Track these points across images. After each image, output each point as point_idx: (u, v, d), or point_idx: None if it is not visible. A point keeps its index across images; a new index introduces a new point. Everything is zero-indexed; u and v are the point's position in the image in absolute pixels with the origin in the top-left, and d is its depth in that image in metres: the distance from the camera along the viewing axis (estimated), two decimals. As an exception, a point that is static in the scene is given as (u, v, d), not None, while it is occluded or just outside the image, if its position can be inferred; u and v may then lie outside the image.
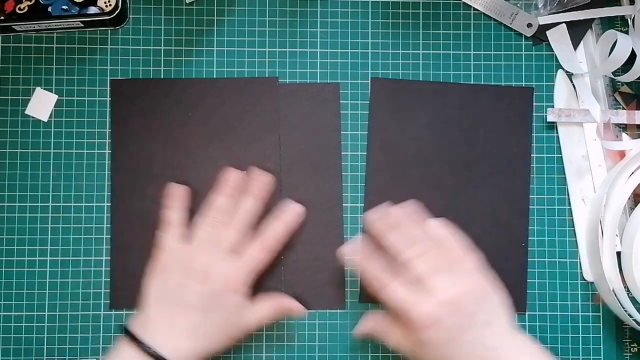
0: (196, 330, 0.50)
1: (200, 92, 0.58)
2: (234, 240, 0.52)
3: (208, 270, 0.50)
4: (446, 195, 0.58)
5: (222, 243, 0.52)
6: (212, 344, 0.50)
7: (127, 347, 0.49)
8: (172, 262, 0.51)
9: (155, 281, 0.51)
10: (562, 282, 0.58)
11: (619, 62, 0.56)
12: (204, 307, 0.50)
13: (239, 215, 0.53)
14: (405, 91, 0.58)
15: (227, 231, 0.52)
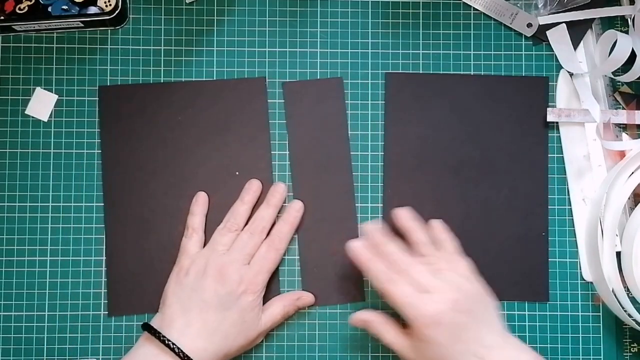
0: (213, 329, 0.51)
1: (188, 95, 0.58)
2: (250, 244, 0.54)
3: (225, 272, 0.52)
4: (465, 186, 0.58)
5: (239, 247, 0.54)
6: (228, 344, 0.52)
7: (148, 342, 0.51)
8: (192, 265, 0.53)
9: (174, 283, 0.53)
10: (562, 282, 0.58)
11: (619, 62, 0.56)
12: (221, 307, 0.51)
13: (256, 222, 0.55)
14: (420, 84, 0.59)
15: (244, 235, 0.54)
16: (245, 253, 0.54)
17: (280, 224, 0.56)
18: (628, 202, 0.58)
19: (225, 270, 0.52)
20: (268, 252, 0.55)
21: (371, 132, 0.59)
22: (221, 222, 0.56)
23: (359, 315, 0.53)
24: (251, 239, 0.54)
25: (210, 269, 0.52)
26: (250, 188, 0.56)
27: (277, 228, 0.56)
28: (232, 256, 0.53)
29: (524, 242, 0.58)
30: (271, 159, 0.58)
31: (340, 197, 0.58)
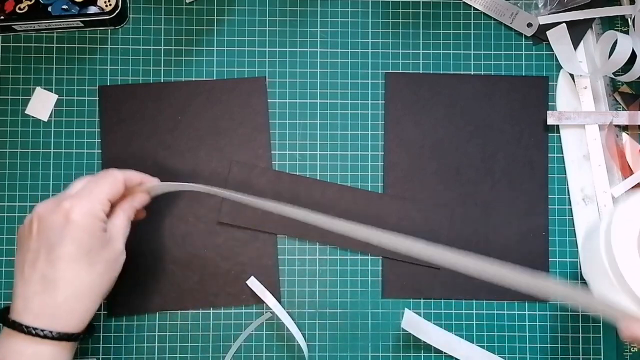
0: (46, 279, 0.44)
1: (188, 95, 0.58)
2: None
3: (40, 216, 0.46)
4: (465, 186, 0.58)
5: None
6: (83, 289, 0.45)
7: (9, 337, 0.44)
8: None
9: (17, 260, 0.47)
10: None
11: (619, 63, 0.56)
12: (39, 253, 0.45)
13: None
14: (420, 84, 0.59)
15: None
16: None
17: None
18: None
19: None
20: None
21: (371, 132, 0.59)
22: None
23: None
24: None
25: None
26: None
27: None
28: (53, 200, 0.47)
29: (525, 242, 0.58)
30: (271, 159, 0.58)
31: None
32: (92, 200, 0.46)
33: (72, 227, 0.44)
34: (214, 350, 0.57)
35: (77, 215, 0.45)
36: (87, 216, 0.45)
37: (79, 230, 0.45)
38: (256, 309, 0.57)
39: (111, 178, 0.48)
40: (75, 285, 0.44)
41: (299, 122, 0.58)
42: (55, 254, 0.44)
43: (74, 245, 0.44)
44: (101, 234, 0.46)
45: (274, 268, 0.57)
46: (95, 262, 0.45)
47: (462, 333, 0.57)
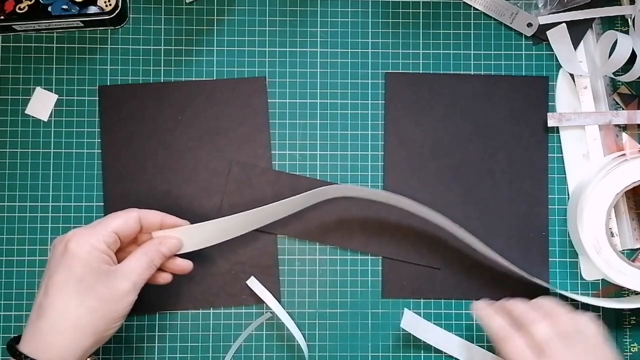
0: (60, 321, 0.43)
1: (188, 95, 0.58)
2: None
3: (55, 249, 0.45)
4: (465, 186, 0.58)
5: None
6: (85, 332, 0.43)
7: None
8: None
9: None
10: (562, 282, 0.58)
11: (619, 63, 0.56)
12: (45, 288, 0.44)
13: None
14: (420, 84, 0.59)
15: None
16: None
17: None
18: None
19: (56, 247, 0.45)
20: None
21: (371, 132, 0.59)
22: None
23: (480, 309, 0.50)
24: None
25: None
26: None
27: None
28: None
29: (524, 242, 0.58)
30: (271, 159, 0.58)
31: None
32: (94, 231, 0.45)
33: (68, 255, 0.44)
34: (214, 350, 0.57)
35: (73, 244, 0.44)
36: (83, 245, 0.44)
37: (73, 259, 0.44)
38: (256, 309, 0.57)
39: (124, 213, 0.47)
40: (62, 315, 0.43)
41: (299, 122, 0.58)
42: (50, 282, 0.43)
43: (66, 273, 0.43)
44: (98, 265, 0.44)
45: (274, 268, 0.57)
46: (87, 294, 0.43)
47: (462, 333, 0.57)
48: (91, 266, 0.44)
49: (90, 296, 0.43)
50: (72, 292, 0.43)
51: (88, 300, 0.43)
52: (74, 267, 0.43)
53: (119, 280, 0.45)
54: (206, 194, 0.57)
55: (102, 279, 0.44)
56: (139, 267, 0.46)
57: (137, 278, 0.45)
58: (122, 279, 0.45)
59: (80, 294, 0.43)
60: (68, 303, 0.43)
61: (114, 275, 0.45)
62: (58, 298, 0.43)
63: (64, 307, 0.43)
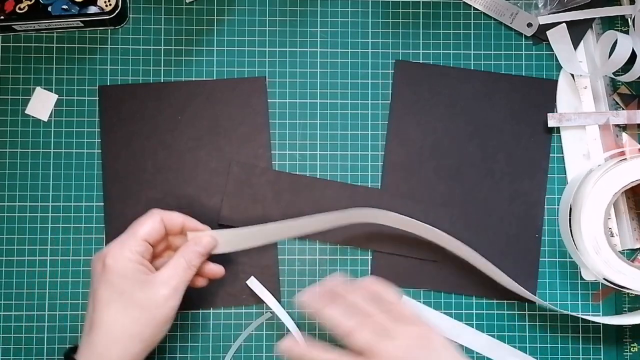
0: (93, 327, 0.46)
1: (188, 95, 0.58)
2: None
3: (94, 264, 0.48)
4: (465, 185, 0.58)
5: None
6: (131, 339, 0.46)
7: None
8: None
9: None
10: (562, 282, 0.58)
11: (619, 63, 0.56)
12: (93, 300, 0.46)
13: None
14: (428, 75, 0.59)
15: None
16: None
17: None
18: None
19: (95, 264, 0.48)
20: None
21: (371, 132, 0.59)
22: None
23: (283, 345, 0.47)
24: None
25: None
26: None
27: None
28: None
29: (517, 243, 0.58)
30: (271, 159, 0.58)
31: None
32: (126, 244, 0.47)
33: (106, 271, 0.46)
34: (213, 350, 0.57)
35: (109, 260, 0.46)
36: (118, 260, 0.46)
37: (111, 274, 0.46)
38: (256, 309, 0.57)
39: (148, 218, 0.49)
40: (111, 328, 0.45)
41: (299, 122, 0.58)
42: (96, 298, 0.46)
43: (108, 289, 0.46)
44: (135, 276, 0.46)
45: (274, 268, 0.57)
46: (129, 306, 0.46)
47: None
48: (129, 278, 0.46)
49: (133, 307, 0.46)
50: (116, 305, 0.46)
51: (131, 310, 0.46)
52: (114, 281, 0.46)
53: (158, 287, 0.47)
54: (206, 194, 0.57)
55: (142, 289, 0.46)
56: (177, 270, 0.48)
57: (177, 282, 0.47)
58: (161, 286, 0.47)
59: (124, 305, 0.46)
60: (114, 316, 0.46)
61: (153, 283, 0.47)
62: (104, 312, 0.46)
63: (110, 320, 0.45)
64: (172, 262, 0.48)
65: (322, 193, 0.57)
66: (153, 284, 0.47)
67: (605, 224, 0.55)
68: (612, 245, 0.55)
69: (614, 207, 0.58)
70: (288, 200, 0.57)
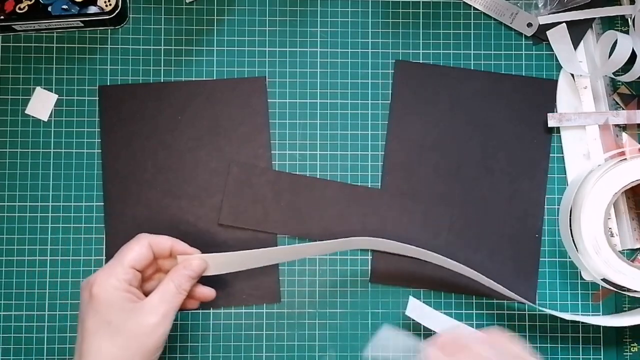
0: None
1: (188, 94, 0.58)
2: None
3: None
4: (464, 184, 0.58)
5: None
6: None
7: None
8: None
9: None
10: (562, 282, 0.58)
11: (619, 63, 0.56)
12: (81, 330, 0.46)
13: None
14: (429, 75, 0.59)
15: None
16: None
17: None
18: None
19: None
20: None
21: (371, 132, 0.59)
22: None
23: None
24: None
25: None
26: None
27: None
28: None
29: (517, 243, 0.58)
30: (271, 159, 0.58)
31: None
32: (112, 272, 0.46)
33: (93, 300, 0.45)
34: (214, 350, 0.57)
35: (96, 289, 0.45)
36: (104, 289, 0.45)
37: (98, 303, 0.45)
38: (256, 309, 0.57)
39: (136, 244, 0.48)
40: (98, 358, 0.44)
41: (299, 122, 0.58)
42: (84, 327, 0.45)
43: (94, 318, 0.45)
44: (123, 304, 0.45)
45: (274, 268, 0.57)
46: (116, 335, 0.45)
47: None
48: (116, 307, 0.45)
49: (120, 336, 0.45)
50: (103, 335, 0.45)
51: (119, 340, 0.45)
52: (101, 311, 0.45)
53: (146, 314, 0.46)
54: (206, 194, 0.57)
55: (130, 317, 0.45)
56: (166, 296, 0.47)
57: (166, 308, 0.46)
58: (149, 313, 0.46)
59: (111, 335, 0.45)
60: (100, 345, 0.45)
61: (141, 310, 0.46)
62: (91, 342, 0.45)
63: (97, 349, 0.45)
64: (161, 288, 0.47)
65: (322, 193, 0.57)
66: (141, 312, 0.45)
67: (605, 224, 0.55)
68: (612, 245, 0.55)
69: (614, 207, 0.58)
70: (288, 200, 0.57)
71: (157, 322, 0.46)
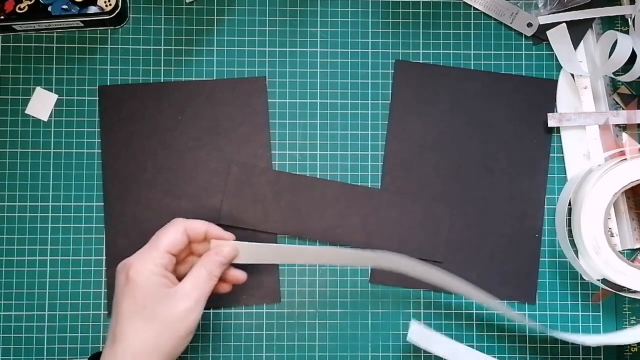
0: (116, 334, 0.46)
1: (188, 95, 0.58)
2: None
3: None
4: (464, 184, 0.58)
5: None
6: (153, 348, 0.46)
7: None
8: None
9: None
10: (562, 282, 0.58)
11: (619, 63, 0.56)
12: (116, 312, 0.46)
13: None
14: (429, 75, 0.59)
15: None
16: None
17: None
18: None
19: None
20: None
21: (371, 132, 0.59)
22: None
23: None
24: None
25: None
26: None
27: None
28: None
29: (517, 242, 0.58)
30: (271, 159, 0.58)
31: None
32: (148, 256, 0.47)
33: (129, 284, 0.46)
34: (214, 350, 0.57)
35: (132, 273, 0.46)
36: (141, 273, 0.46)
37: (134, 287, 0.46)
38: (256, 309, 0.57)
39: (171, 229, 0.48)
40: (132, 342, 0.45)
41: (299, 122, 0.58)
42: (118, 310, 0.46)
43: (130, 302, 0.46)
44: (158, 290, 0.46)
45: (274, 268, 0.57)
46: (152, 319, 0.45)
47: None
48: (152, 292, 0.46)
49: (154, 321, 0.45)
50: (138, 319, 0.45)
51: (153, 324, 0.45)
52: (136, 295, 0.46)
53: (180, 300, 0.46)
54: (206, 194, 0.57)
55: (164, 303, 0.46)
56: (199, 282, 0.48)
57: (198, 294, 0.47)
58: (183, 299, 0.46)
59: (146, 319, 0.45)
60: (136, 329, 0.45)
61: (174, 296, 0.46)
62: (126, 325, 0.45)
63: (132, 333, 0.45)
64: (194, 273, 0.48)
65: (322, 193, 0.57)
66: (174, 298, 0.46)
67: (605, 224, 0.55)
68: (612, 245, 0.55)
69: (614, 207, 0.58)
70: (288, 200, 0.57)
71: (189, 308, 0.46)
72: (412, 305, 0.58)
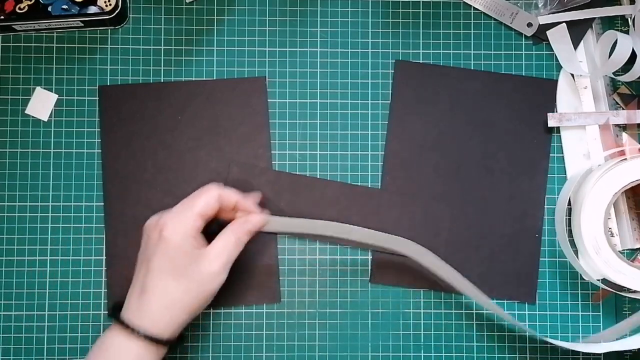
0: (144, 286, 0.48)
1: (188, 94, 0.58)
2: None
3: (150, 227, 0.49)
4: (464, 184, 0.58)
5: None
6: (180, 301, 0.48)
7: (111, 328, 0.48)
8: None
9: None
10: (561, 282, 0.58)
11: (619, 63, 0.56)
12: (146, 263, 0.48)
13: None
14: (429, 75, 0.59)
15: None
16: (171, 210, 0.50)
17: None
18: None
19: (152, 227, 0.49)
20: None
21: (371, 132, 0.59)
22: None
23: None
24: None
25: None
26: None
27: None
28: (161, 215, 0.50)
29: (517, 242, 0.58)
30: (271, 159, 0.58)
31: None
32: (182, 218, 0.48)
33: (163, 242, 0.48)
34: (214, 350, 0.57)
35: (167, 232, 0.48)
36: (175, 233, 0.48)
37: (167, 246, 0.47)
38: (256, 309, 0.57)
39: (205, 194, 0.50)
40: (163, 296, 0.47)
41: (299, 122, 0.59)
42: (150, 266, 0.48)
43: (163, 260, 0.47)
44: (189, 251, 0.48)
45: (274, 268, 0.57)
46: (182, 277, 0.47)
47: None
48: (184, 252, 0.48)
49: (185, 279, 0.47)
50: (170, 275, 0.47)
51: (183, 282, 0.47)
52: (170, 253, 0.47)
53: (210, 262, 0.48)
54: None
55: (195, 263, 0.48)
56: (228, 246, 0.49)
57: (226, 257, 0.49)
58: (213, 261, 0.48)
59: (177, 277, 0.47)
60: (167, 284, 0.47)
61: (205, 257, 0.48)
62: (158, 279, 0.47)
63: (163, 287, 0.47)
64: (223, 237, 0.49)
65: (322, 193, 0.57)
66: (205, 259, 0.48)
67: (605, 224, 0.55)
68: (612, 245, 0.55)
69: (614, 207, 0.58)
70: (288, 200, 0.57)
71: (217, 270, 0.48)
72: (412, 305, 0.58)
